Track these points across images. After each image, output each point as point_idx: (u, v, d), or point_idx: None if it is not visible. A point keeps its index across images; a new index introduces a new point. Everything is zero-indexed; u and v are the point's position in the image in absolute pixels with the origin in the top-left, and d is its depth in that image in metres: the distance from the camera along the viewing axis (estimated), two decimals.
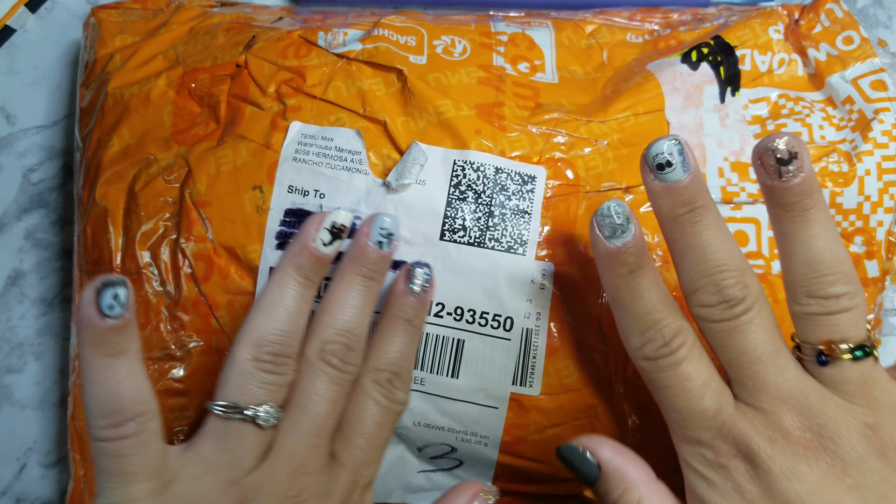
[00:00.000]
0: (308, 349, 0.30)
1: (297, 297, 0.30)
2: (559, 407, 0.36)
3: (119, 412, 0.26)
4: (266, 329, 0.29)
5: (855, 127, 0.39)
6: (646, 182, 0.29)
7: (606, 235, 0.29)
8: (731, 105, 0.40)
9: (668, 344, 0.28)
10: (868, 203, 0.38)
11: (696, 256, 0.28)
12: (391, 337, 0.32)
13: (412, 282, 0.33)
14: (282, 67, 0.38)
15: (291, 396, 0.30)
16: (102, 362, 0.26)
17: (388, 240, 0.32)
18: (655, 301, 0.29)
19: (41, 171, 0.47)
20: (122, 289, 0.25)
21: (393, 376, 0.32)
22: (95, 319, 0.25)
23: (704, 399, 0.28)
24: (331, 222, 0.31)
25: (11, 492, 0.45)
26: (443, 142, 0.36)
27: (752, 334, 0.28)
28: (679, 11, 0.45)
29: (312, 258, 0.30)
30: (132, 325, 0.26)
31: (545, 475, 0.38)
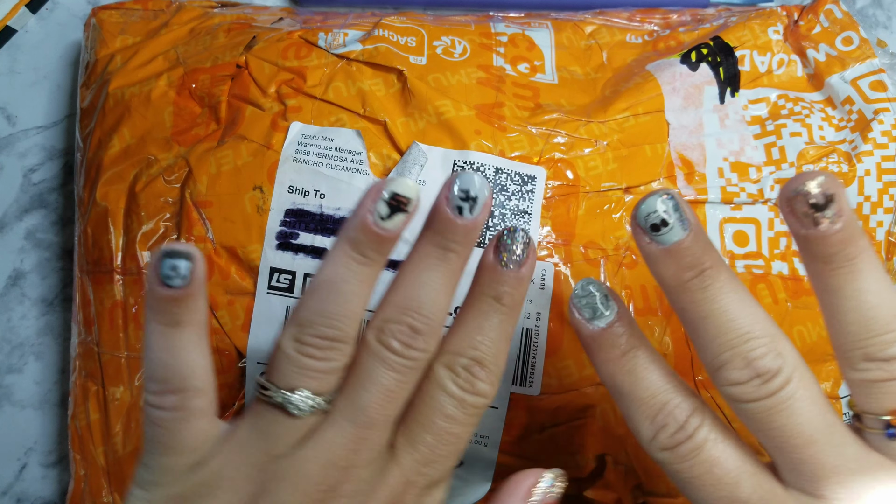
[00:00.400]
0: (368, 329, 0.26)
1: (351, 276, 0.25)
2: (559, 407, 0.36)
3: (165, 381, 0.25)
4: (311, 309, 0.25)
5: (854, 127, 0.39)
6: (641, 248, 0.25)
7: (588, 318, 0.26)
8: (731, 105, 0.40)
9: (683, 427, 0.25)
10: (868, 203, 0.38)
11: (714, 327, 0.24)
12: (475, 318, 0.27)
13: (505, 250, 0.26)
14: (282, 68, 0.38)
15: (345, 381, 0.26)
16: (159, 329, 0.25)
17: (472, 203, 0.25)
18: (658, 380, 0.26)
19: (42, 172, 0.47)
20: (183, 261, 0.24)
21: (472, 363, 0.26)
22: (155, 286, 0.24)
23: (741, 486, 0.24)
24: (391, 192, 0.25)
25: (12, 491, 0.45)
26: (443, 142, 0.36)
27: (799, 411, 0.23)
28: (678, 12, 0.45)
29: (368, 233, 0.25)
30: (194, 298, 0.24)
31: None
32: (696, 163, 0.38)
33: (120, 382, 0.38)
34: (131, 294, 0.37)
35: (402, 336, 0.26)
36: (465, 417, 0.26)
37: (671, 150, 0.38)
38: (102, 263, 0.38)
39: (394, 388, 0.25)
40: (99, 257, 0.38)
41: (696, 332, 0.25)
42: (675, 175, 0.38)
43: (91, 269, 0.39)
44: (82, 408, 0.39)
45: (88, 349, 0.39)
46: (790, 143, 0.39)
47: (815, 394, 0.24)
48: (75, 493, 0.39)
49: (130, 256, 0.37)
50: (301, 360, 0.25)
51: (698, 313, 0.24)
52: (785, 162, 0.39)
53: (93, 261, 0.39)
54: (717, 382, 0.25)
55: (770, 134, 0.39)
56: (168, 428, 0.25)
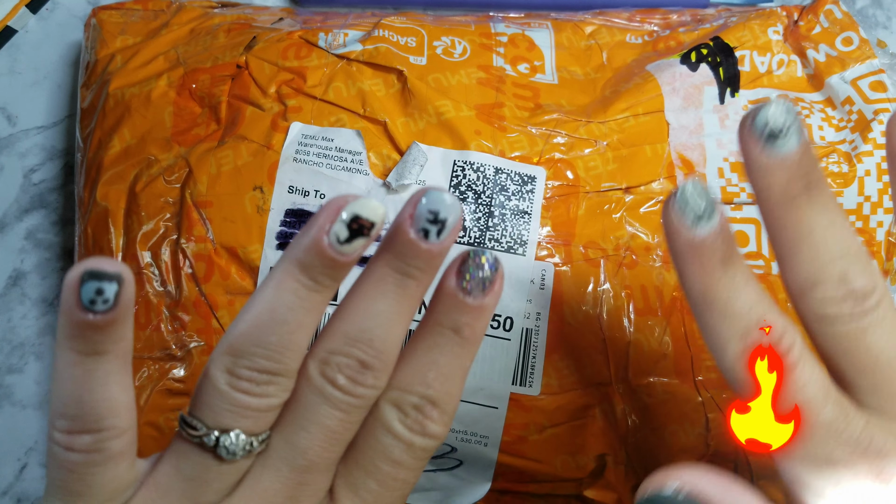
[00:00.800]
0: (310, 359, 0.23)
1: (298, 304, 0.22)
2: (559, 407, 0.36)
3: (77, 419, 0.21)
4: (249, 338, 0.22)
5: (854, 128, 0.39)
6: (751, 158, 0.23)
7: (690, 222, 0.22)
8: (731, 106, 0.40)
9: (778, 345, 0.23)
10: (868, 203, 0.38)
11: (814, 244, 0.23)
12: (428, 350, 0.24)
13: (468, 275, 0.23)
14: (282, 68, 0.38)
15: (283, 416, 0.23)
16: (74, 358, 0.21)
17: (440, 226, 0.22)
18: (755, 296, 0.23)
19: (42, 172, 0.47)
20: (109, 284, 0.19)
21: (423, 402, 0.23)
22: (74, 310, 0.20)
23: (827, 409, 0.23)
24: (352, 214, 0.21)
25: (12, 492, 0.45)
26: (443, 142, 0.36)
27: (888, 332, 0.23)
28: (678, 12, 0.45)
29: (323, 257, 0.21)
30: (120, 324, 0.20)
31: (545, 475, 0.38)
32: (697, 163, 0.38)
33: None
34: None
35: (350, 371, 0.23)
36: (412, 462, 0.24)
37: (671, 150, 0.38)
38: None
39: (337, 429, 0.23)
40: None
41: (792, 250, 0.23)
42: (676, 175, 0.38)
43: None
44: None
45: None
46: None
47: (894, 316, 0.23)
48: None
49: (131, 256, 0.37)
50: (235, 397, 0.22)
51: (802, 230, 0.23)
52: None
53: None
54: (808, 302, 0.23)
55: None
56: (79, 473, 0.21)
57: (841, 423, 0.23)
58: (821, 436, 0.22)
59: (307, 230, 0.22)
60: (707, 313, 0.23)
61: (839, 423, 0.23)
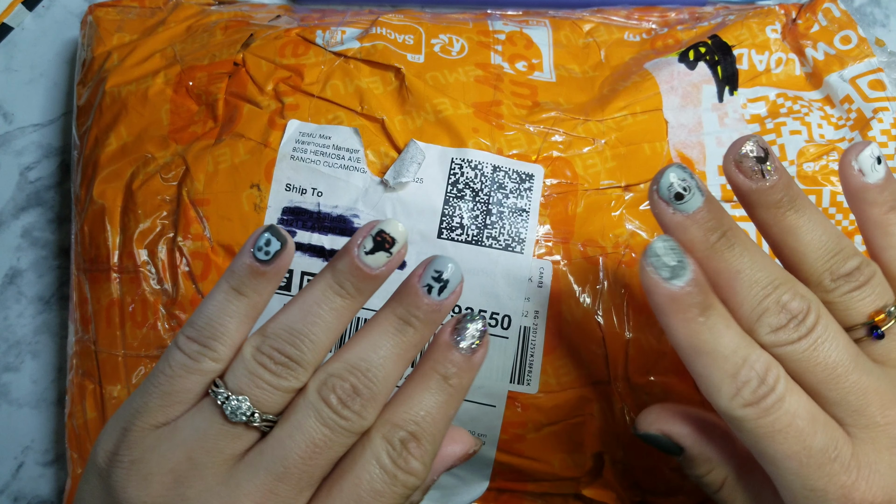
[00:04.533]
0: (312, 380, 0.26)
1: (326, 304, 0.26)
2: (557, 405, 0.36)
3: (199, 330, 0.25)
4: (279, 324, 0.26)
5: (853, 126, 0.39)
6: (664, 219, 0.26)
7: (666, 277, 0.25)
8: (730, 104, 0.40)
9: (765, 381, 0.25)
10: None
11: (747, 280, 0.26)
12: (420, 392, 0.27)
13: (460, 333, 0.27)
14: (279, 66, 0.38)
15: (277, 425, 0.26)
16: (224, 287, 0.26)
17: (441, 286, 0.26)
18: (737, 337, 0.25)
19: (38, 170, 0.47)
20: (277, 242, 0.25)
21: (409, 437, 0.26)
22: (243, 254, 0.25)
23: (818, 436, 0.24)
24: (377, 229, 0.26)
25: (9, 490, 0.45)
26: (440, 140, 0.36)
27: (833, 343, 0.25)
28: (676, 10, 0.45)
29: (350, 266, 0.26)
30: (266, 278, 0.25)
31: (543, 473, 0.38)
32: (696, 161, 0.38)
33: (117, 381, 0.38)
34: (128, 292, 0.37)
35: (342, 393, 0.25)
36: (392, 495, 0.25)
37: (671, 148, 0.38)
38: (99, 262, 0.38)
39: (320, 444, 0.25)
40: (96, 255, 0.38)
41: (730, 288, 0.26)
42: None
43: (88, 267, 0.39)
44: (79, 406, 0.39)
45: (85, 347, 0.39)
46: (790, 141, 0.39)
47: (837, 326, 0.26)
48: (72, 492, 0.39)
49: (127, 255, 0.37)
50: (253, 367, 0.25)
51: (731, 271, 0.26)
52: (785, 160, 0.39)
53: (90, 259, 0.39)
54: (759, 332, 0.25)
55: (770, 132, 0.39)
56: (172, 367, 0.25)
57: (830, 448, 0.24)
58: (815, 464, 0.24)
59: (344, 246, 0.26)
60: (696, 361, 0.26)
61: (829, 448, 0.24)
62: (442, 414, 0.27)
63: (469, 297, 0.35)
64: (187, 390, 0.25)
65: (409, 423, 0.26)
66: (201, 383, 0.26)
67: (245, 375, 0.25)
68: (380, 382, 0.26)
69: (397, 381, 0.27)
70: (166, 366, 0.25)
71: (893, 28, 0.51)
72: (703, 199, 0.26)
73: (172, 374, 0.25)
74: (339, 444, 0.25)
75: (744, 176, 0.26)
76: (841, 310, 0.26)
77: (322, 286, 0.26)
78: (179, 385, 0.25)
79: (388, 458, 0.25)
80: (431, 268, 0.26)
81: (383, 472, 0.25)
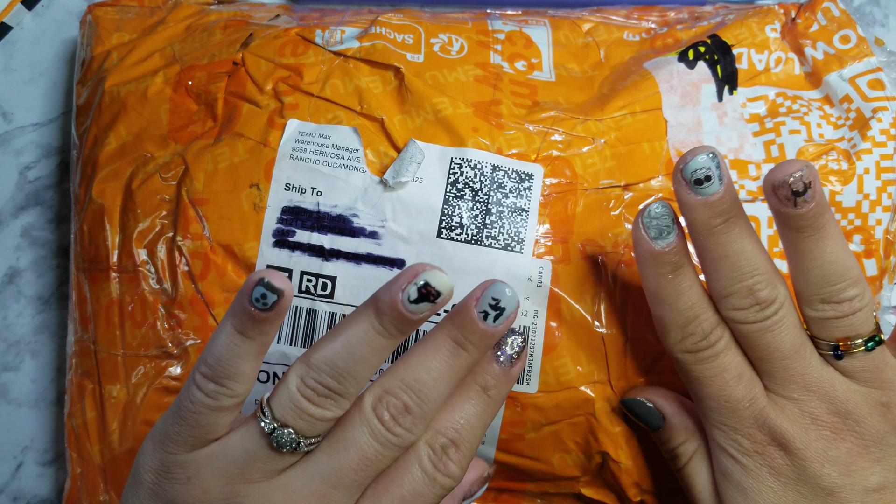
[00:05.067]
0: (367, 393, 0.28)
1: (368, 342, 0.27)
2: (556, 405, 0.36)
3: (213, 369, 0.27)
4: (324, 357, 0.27)
5: (853, 125, 0.39)
6: (681, 195, 0.29)
7: (652, 236, 0.30)
8: (730, 103, 0.40)
9: (707, 337, 0.30)
10: (867, 201, 0.38)
11: (730, 264, 0.29)
12: (461, 403, 0.29)
13: (500, 348, 0.30)
14: (279, 65, 0.38)
15: (331, 435, 0.28)
16: (230, 329, 0.27)
17: (497, 313, 0.28)
18: (696, 298, 0.30)
19: (38, 169, 0.47)
20: (272, 295, 0.26)
21: (450, 444, 0.28)
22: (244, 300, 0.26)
23: (738, 388, 0.30)
24: (424, 280, 0.27)
25: (8, 490, 0.45)
26: (440, 139, 0.36)
27: (783, 332, 0.30)
28: (676, 10, 0.45)
29: (394, 310, 0.27)
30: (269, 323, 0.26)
31: (543, 473, 0.38)
32: None
33: (116, 380, 0.38)
34: (127, 292, 0.37)
35: (395, 411, 0.28)
36: (430, 495, 0.28)
37: (670, 147, 0.38)
38: (99, 261, 0.38)
39: (371, 457, 0.27)
40: (95, 255, 0.38)
41: (713, 266, 0.30)
42: None
43: (87, 266, 0.39)
44: (78, 406, 0.39)
45: (85, 347, 0.39)
46: (789, 140, 0.39)
47: (795, 321, 0.30)
48: (72, 492, 0.39)
49: (127, 254, 0.37)
50: (298, 400, 0.27)
51: (720, 252, 0.29)
52: (784, 159, 0.38)
53: (89, 258, 0.39)
54: (723, 307, 0.30)
55: (769, 131, 0.39)
56: (195, 407, 0.27)
57: (746, 399, 0.30)
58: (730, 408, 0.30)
59: (390, 285, 0.27)
60: (656, 306, 0.31)
61: (745, 399, 0.30)
62: (480, 422, 0.29)
63: None
64: (214, 423, 0.27)
65: (449, 431, 0.29)
66: (227, 415, 0.28)
67: (290, 407, 0.27)
68: (430, 402, 0.28)
69: (446, 396, 0.29)
70: (188, 401, 0.27)
71: (893, 27, 0.51)
72: (721, 189, 0.28)
73: (196, 411, 0.27)
74: (389, 456, 0.28)
75: (776, 199, 0.29)
76: (817, 326, 0.30)
77: (365, 325, 0.27)
78: (205, 420, 0.27)
79: (430, 462, 0.28)
80: (489, 294, 0.28)
81: (424, 474, 0.28)
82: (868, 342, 0.29)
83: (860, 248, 0.38)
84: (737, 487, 0.30)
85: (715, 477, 0.31)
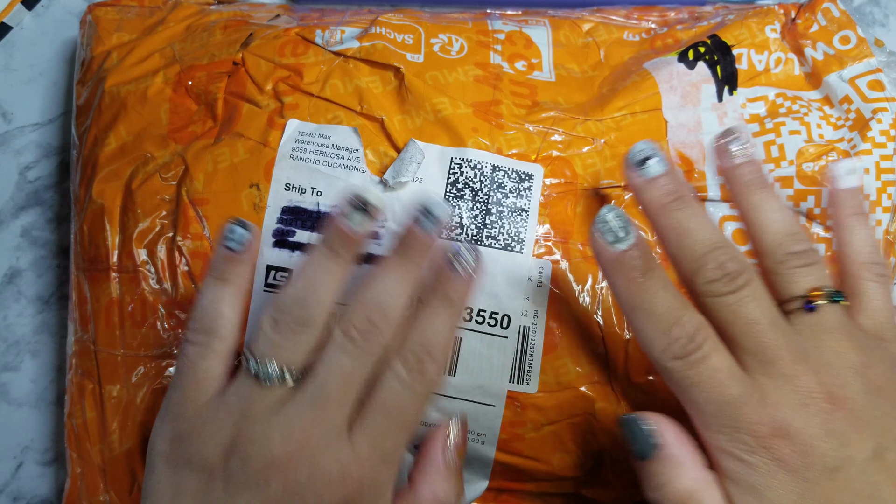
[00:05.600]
0: (335, 324, 0.31)
1: (319, 266, 0.31)
2: (556, 405, 0.36)
3: (199, 322, 0.31)
4: (287, 295, 0.31)
5: (853, 126, 0.39)
6: (631, 180, 0.31)
7: (611, 241, 0.29)
8: (729, 104, 0.40)
9: (693, 339, 0.29)
10: (866, 202, 0.38)
11: (691, 238, 0.30)
12: (426, 316, 0.31)
13: (455, 260, 0.31)
14: (279, 65, 0.38)
15: (312, 366, 0.30)
16: (210, 281, 0.31)
17: (430, 220, 0.31)
18: (672, 299, 0.29)
19: (37, 169, 0.47)
20: (240, 229, 0.31)
21: (423, 353, 0.30)
22: (217, 246, 0.31)
23: (734, 385, 0.29)
24: (353, 194, 0.31)
25: (8, 490, 0.45)
26: (440, 139, 0.36)
27: (758, 302, 0.29)
28: (676, 10, 0.45)
29: (336, 231, 0.31)
30: (240, 262, 0.31)
31: (543, 473, 0.38)
32: (696, 160, 0.39)
33: (116, 380, 0.38)
34: (127, 292, 0.37)
35: (359, 325, 0.30)
36: (414, 403, 0.30)
37: (671, 147, 0.38)
38: (99, 261, 0.38)
39: (349, 374, 0.30)
40: (95, 255, 0.38)
41: (677, 243, 0.30)
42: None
43: (87, 266, 0.39)
44: (78, 406, 0.39)
45: (85, 347, 0.39)
46: (789, 141, 0.39)
47: (764, 291, 0.30)
48: (71, 492, 0.39)
49: (127, 254, 0.37)
50: (273, 336, 0.30)
51: (679, 228, 0.30)
52: (784, 160, 0.39)
53: (89, 258, 0.39)
54: (695, 283, 0.30)
55: (769, 132, 0.39)
56: (189, 357, 0.30)
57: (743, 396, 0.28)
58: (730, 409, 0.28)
59: (329, 217, 0.31)
60: (635, 317, 0.30)
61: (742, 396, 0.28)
62: (446, 328, 0.31)
63: None
64: (210, 370, 0.30)
65: (417, 343, 0.31)
66: (218, 362, 0.31)
67: (267, 343, 0.30)
68: (389, 309, 0.31)
69: (405, 304, 0.31)
70: (184, 359, 0.31)
71: (893, 27, 0.51)
72: (665, 168, 0.31)
73: (191, 364, 0.30)
74: (366, 366, 0.30)
75: (725, 156, 0.32)
76: (785, 281, 0.31)
77: (318, 257, 0.31)
78: (201, 369, 0.30)
79: (405, 372, 0.30)
80: (417, 207, 0.31)
81: (402, 385, 0.30)
82: (834, 296, 0.30)
83: None
84: (748, 489, 0.28)
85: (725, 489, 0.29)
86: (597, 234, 0.30)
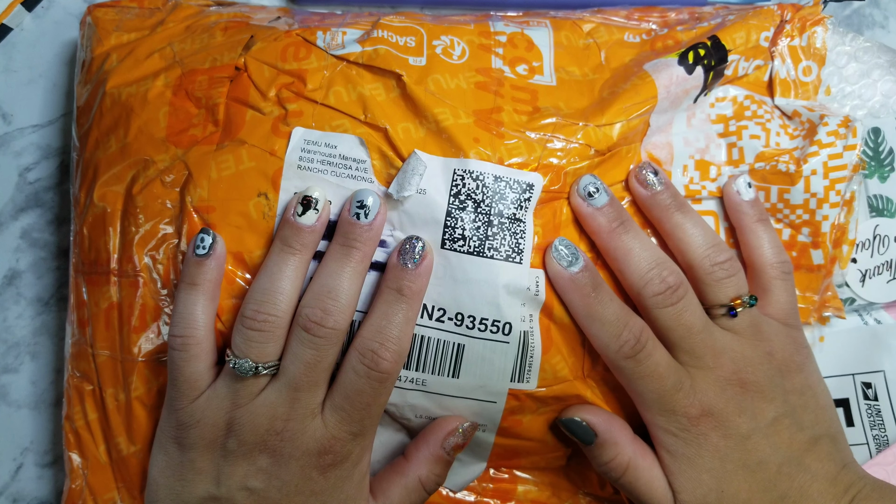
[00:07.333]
0: (296, 317, 0.34)
1: (280, 262, 0.34)
2: (554, 396, 0.38)
3: (176, 326, 0.34)
4: (252, 292, 0.34)
5: (806, 136, 0.41)
6: (581, 209, 0.37)
7: (566, 265, 0.36)
8: (701, 104, 0.41)
9: (639, 340, 0.35)
10: (814, 199, 0.40)
11: (636, 257, 0.36)
12: (380, 307, 0.34)
13: (404, 253, 0.35)
14: (282, 71, 0.37)
15: (282, 360, 0.34)
16: (182, 286, 0.35)
17: (364, 210, 0.34)
18: (618, 308, 0.36)
19: (37, 171, 0.47)
20: (207, 236, 0.35)
21: (376, 345, 0.34)
22: (187, 253, 0.35)
23: (671, 377, 0.35)
24: (303, 195, 0.35)
25: (8, 492, 0.45)
26: (443, 150, 0.36)
27: (693, 311, 0.36)
28: (676, 10, 0.45)
29: (289, 226, 0.34)
30: (207, 267, 0.35)
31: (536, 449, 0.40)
32: (664, 161, 0.40)
33: (116, 384, 0.38)
34: (127, 296, 0.37)
35: (315, 317, 0.33)
36: (371, 390, 0.34)
37: (641, 149, 0.39)
38: (99, 265, 0.38)
39: (311, 361, 0.33)
40: (95, 258, 0.38)
41: (624, 262, 0.36)
42: None
43: (87, 270, 0.39)
44: (77, 408, 0.39)
45: (82, 350, 0.39)
46: (748, 144, 0.41)
47: (696, 300, 0.37)
48: (71, 493, 0.39)
49: (127, 259, 0.37)
50: (246, 333, 0.34)
51: (625, 249, 0.36)
52: (743, 163, 0.41)
53: (89, 262, 0.39)
54: (643, 294, 0.36)
55: (732, 134, 0.41)
56: (175, 362, 0.34)
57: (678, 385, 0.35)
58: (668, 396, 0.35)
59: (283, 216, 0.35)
60: (590, 324, 0.36)
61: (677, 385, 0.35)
62: (400, 319, 0.34)
63: (471, 305, 0.35)
64: (196, 371, 0.34)
65: (372, 334, 0.34)
66: (201, 363, 0.35)
67: (242, 341, 0.34)
68: (343, 297, 0.34)
69: (357, 293, 0.35)
70: (173, 365, 0.34)
71: (893, 29, 0.51)
72: (609, 198, 0.37)
73: (179, 369, 0.34)
74: (329, 352, 0.34)
75: (642, 188, 0.38)
76: (712, 291, 0.37)
77: (276, 253, 0.35)
78: (188, 372, 0.34)
79: (361, 363, 0.34)
80: (354, 200, 0.35)
81: (358, 375, 0.34)
82: (750, 300, 0.37)
83: (808, 240, 0.41)
84: (683, 458, 0.36)
85: (661, 458, 0.36)
86: (553, 261, 0.36)
